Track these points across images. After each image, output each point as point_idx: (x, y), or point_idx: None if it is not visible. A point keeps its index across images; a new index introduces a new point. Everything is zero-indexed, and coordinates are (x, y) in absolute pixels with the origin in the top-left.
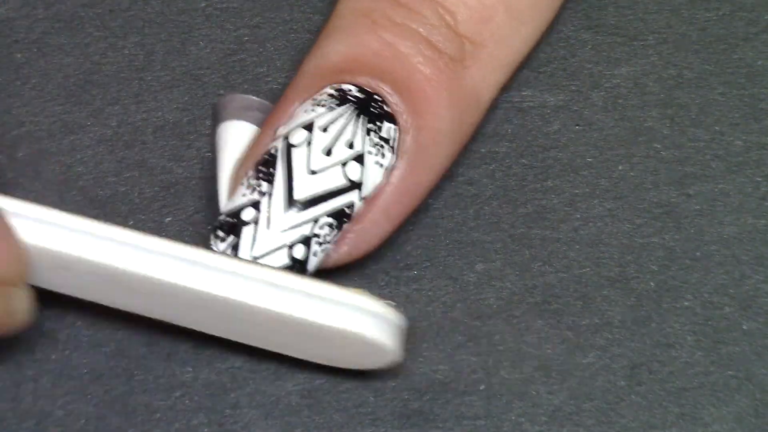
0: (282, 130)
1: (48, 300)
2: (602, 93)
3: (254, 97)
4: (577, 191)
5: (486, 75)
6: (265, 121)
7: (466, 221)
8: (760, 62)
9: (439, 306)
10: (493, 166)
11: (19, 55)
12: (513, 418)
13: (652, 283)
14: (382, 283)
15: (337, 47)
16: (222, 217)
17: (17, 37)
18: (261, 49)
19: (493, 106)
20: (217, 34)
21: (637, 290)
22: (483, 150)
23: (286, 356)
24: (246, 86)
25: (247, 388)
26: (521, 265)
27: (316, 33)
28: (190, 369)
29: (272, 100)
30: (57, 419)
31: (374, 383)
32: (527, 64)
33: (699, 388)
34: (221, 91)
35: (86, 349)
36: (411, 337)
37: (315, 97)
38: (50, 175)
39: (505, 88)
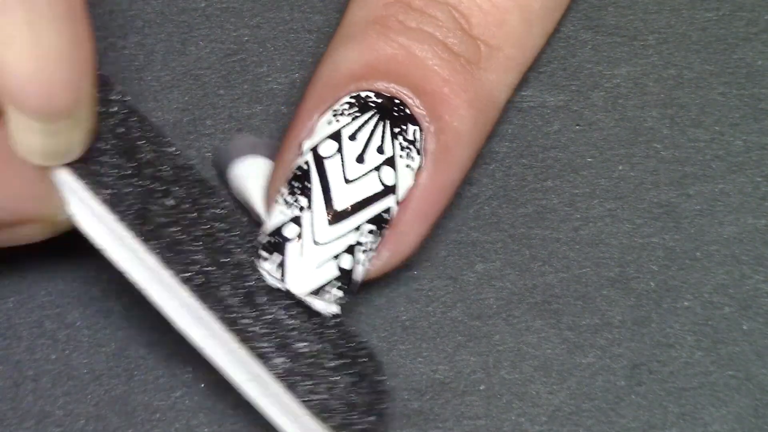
0: (308, 144)
1: (48, 299)
2: (602, 93)
3: (257, 138)
4: (577, 191)
5: (501, 76)
6: (286, 136)
7: (466, 221)
8: (760, 62)
9: (439, 306)
10: (493, 166)
11: None
12: (513, 418)
13: (652, 283)
14: (382, 283)
15: (351, 55)
16: (263, 237)
17: None
18: (261, 49)
19: None
20: (217, 34)
21: (637, 290)
22: (483, 150)
23: None
24: (246, 86)
25: None
26: (521, 265)
27: (316, 33)
28: (190, 369)
29: (272, 101)
30: (57, 419)
31: None
32: None
33: (699, 388)
34: (221, 91)
35: (86, 349)
36: (411, 336)
37: (335, 107)
38: None
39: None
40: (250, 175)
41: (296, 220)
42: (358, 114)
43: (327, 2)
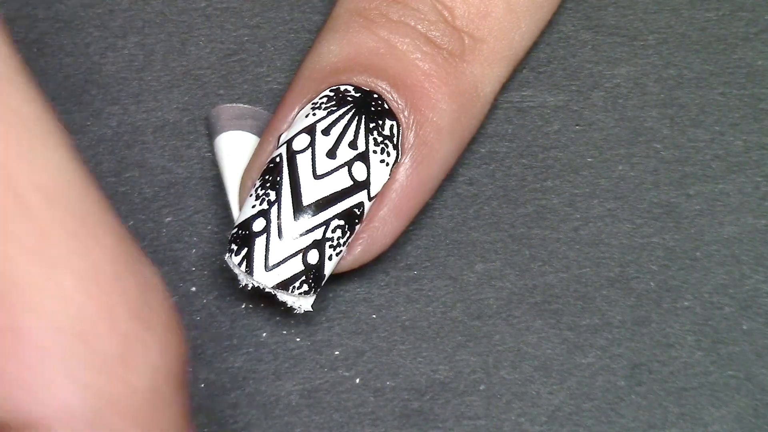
0: (284, 137)
1: None
2: (602, 93)
3: (246, 106)
4: (577, 191)
5: (486, 69)
6: (266, 129)
7: (466, 221)
8: (760, 62)
9: (439, 306)
10: (493, 166)
11: (19, 55)
12: (513, 418)
13: (652, 283)
14: (382, 283)
15: (332, 48)
16: (234, 230)
17: (17, 37)
18: (261, 49)
19: (493, 106)
20: (217, 34)
21: (637, 290)
22: (483, 150)
23: (286, 356)
24: (246, 86)
25: (247, 388)
26: (521, 265)
27: (316, 33)
28: (190, 369)
29: (272, 101)
30: None
31: (374, 383)
32: (527, 64)
33: (699, 388)
34: (221, 91)
35: None
36: (411, 336)
37: (314, 100)
38: None
39: (506, 87)
40: (229, 153)
41: (264, 214)
42: (334, 108)
43: (327, 2)
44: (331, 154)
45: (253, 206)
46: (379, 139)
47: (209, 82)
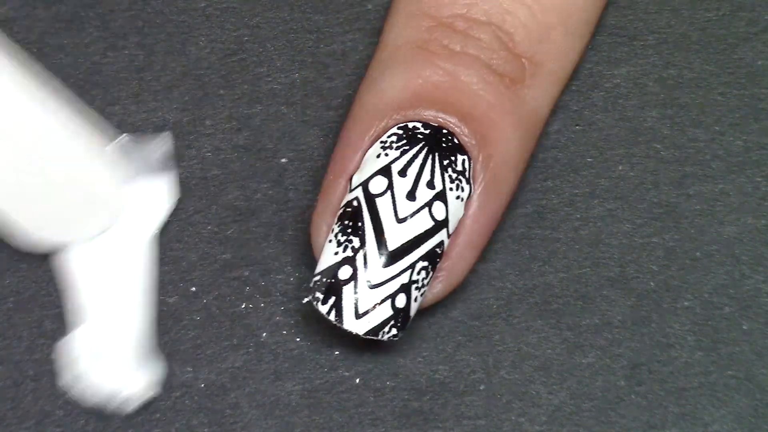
0: (357, 179)
1: (48, 299)
2: (602, 93)
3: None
4: (577, 191)
5: (545, 92)
6: (332, 168)
7: None
8: (760, 62)
9: (439, 306)
10: None
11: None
12: (513, 418)
13: (652, 283)
14: None
15: (396, 82)
16: (318, 278)
17: (17, 37)
18: (261, 49)
19: None
20: (217, 34)
21: (637, 290)
22: None
23: (286, 356)
24: (246, 86)
25: (247, 388)
26: (521, 265)
27: (316, 33)
28: (190, 369)
29: (272, 101)
30: (57, 419)
31: (374, 383)
32: None
33: (699, 388)
34: (221, 91)
35: None
36: (411, 337)
37: (383, 139)
38: None
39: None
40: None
41: (350, 261)
42: (406, 147)
43: (327, 2)
44: (411, 195)
45: (336, 253)
46: (454, 175)
47: (209, 82)
